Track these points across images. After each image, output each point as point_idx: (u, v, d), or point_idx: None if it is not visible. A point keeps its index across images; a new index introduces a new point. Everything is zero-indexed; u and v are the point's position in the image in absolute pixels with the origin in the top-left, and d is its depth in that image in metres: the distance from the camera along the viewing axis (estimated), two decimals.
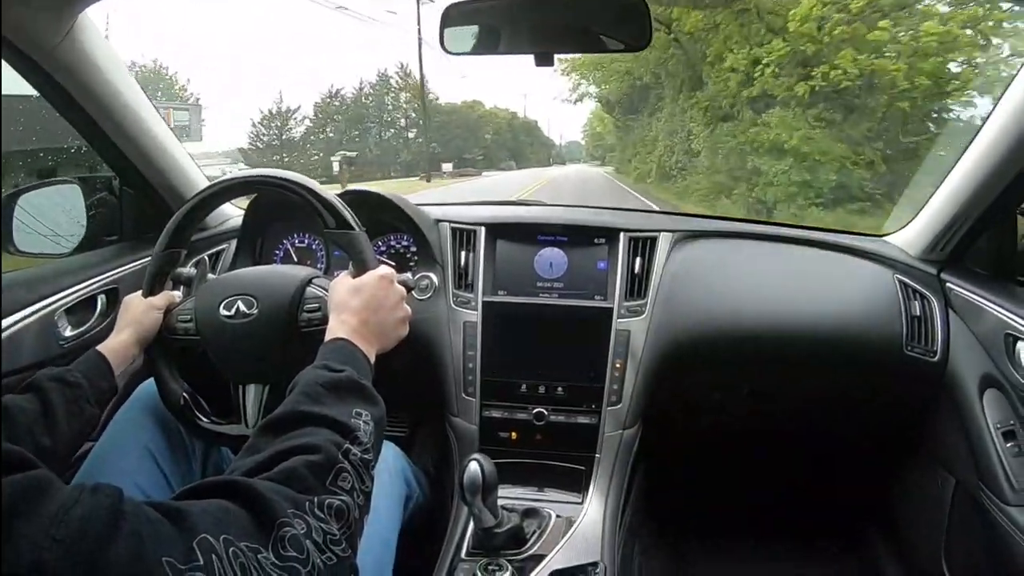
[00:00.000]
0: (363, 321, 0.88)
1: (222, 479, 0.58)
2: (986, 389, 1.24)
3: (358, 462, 0.67)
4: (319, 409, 0.70)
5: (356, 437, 0.69)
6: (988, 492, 1.19)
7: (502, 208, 1.59)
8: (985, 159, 1.20)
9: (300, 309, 0.98)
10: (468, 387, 1.31)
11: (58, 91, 1.16)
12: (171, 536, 0.48)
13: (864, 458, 1.71)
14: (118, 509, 0.47)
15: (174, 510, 0.51)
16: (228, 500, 0.55)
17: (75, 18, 1.08)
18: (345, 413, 0.71)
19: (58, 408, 0.85)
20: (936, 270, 1.40)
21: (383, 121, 39.20)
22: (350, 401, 0.74)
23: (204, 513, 0.52)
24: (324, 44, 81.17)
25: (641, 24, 1.01)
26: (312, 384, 0.73)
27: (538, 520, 1.14)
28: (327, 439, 0.66)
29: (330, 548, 0.58)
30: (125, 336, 0.99)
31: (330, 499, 0.60)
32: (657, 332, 1.32)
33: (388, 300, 0.92)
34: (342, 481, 0.63)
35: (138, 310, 1.02)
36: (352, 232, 0.97)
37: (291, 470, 0.60)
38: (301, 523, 0.56)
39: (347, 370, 0.78)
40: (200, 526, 0.50)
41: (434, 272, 1.38)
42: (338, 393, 0.74)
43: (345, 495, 0.62)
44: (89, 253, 1.35)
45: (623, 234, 1.38)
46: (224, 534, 0.50)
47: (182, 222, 1.04)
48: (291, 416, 0.69)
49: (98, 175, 1.41)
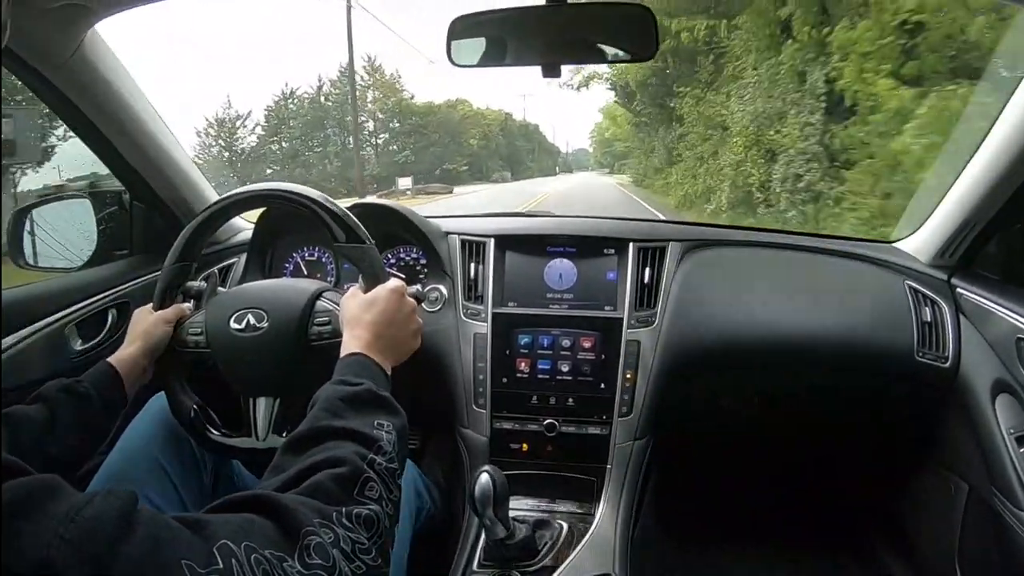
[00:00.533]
0: (377, 335, 0.88)
1: (247, 494, 0.58)
2: (998, 394, 1.23)
3: (384, 471, 0.67)
4: (341, 423, 0.70)
5: (380, 447, 0.69)
6: (1002, 498, 1.18)
7: (511, 219, 1.59)
8: (994, 163, 1.20)
9: (310, 323, 0.99)
10: (478, 399, 1.31)
11: (68, 106, 1.18)
12: (190, 541, 0.48)
13: (875, 465, 1.70)
14: (131, 512, 0.47)
15: (193, 520, 0.50)
16: (253, 513, 0.54)
17: (85, 33, 1.09)
18: (367, 424, 0.71)
19: (65, 418, 0.85)
20: (946, 275, 1.39)
21: (345, 125, 31.74)
22: (370, 413, 0.74)
23: (225, 523, 0.51)
24: (276, 34, 73.91)
25: (648, 34, 1.01)
26: (331, 400, 0.74)
27: (550, 531, 1.14)
28: (351, 451, 0.66)
29: (359, 557, 0.57)
30: (135, 348, 0.99)
31: (358, 509, 0.60)
32: (667, 342, 1.31)
33: (401, 313, 0.92)
34: (369, 491, 0.63)
35: (148, 323, 1.02)
36: (363, 246, 0.97)
37: (317, 484, 0.60)
38: (328, 532, 0.56)
39: (365, 383, 0.78)
40: (220, 534, 0.50)
41: (443, 284, 1.39)
42: (358, 406, 0.74)
43: (374, 504, 0.62)
44: (99, 267, 1.36)
45: (632, 244, 1.38)
46: (246, 542, 0.50)
47: (192, 236, 1.04)
48: (313, 433, 0.69)
49: (108, 189, 1.42)
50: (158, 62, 49.86)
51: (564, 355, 1.32)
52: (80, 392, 0.88)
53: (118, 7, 1.06)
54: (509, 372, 1.32)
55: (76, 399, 0.88)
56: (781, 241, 1.52)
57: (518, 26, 1.06)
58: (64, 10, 1.00)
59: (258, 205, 1.13)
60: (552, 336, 1.33)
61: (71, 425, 0.85)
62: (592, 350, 1.32)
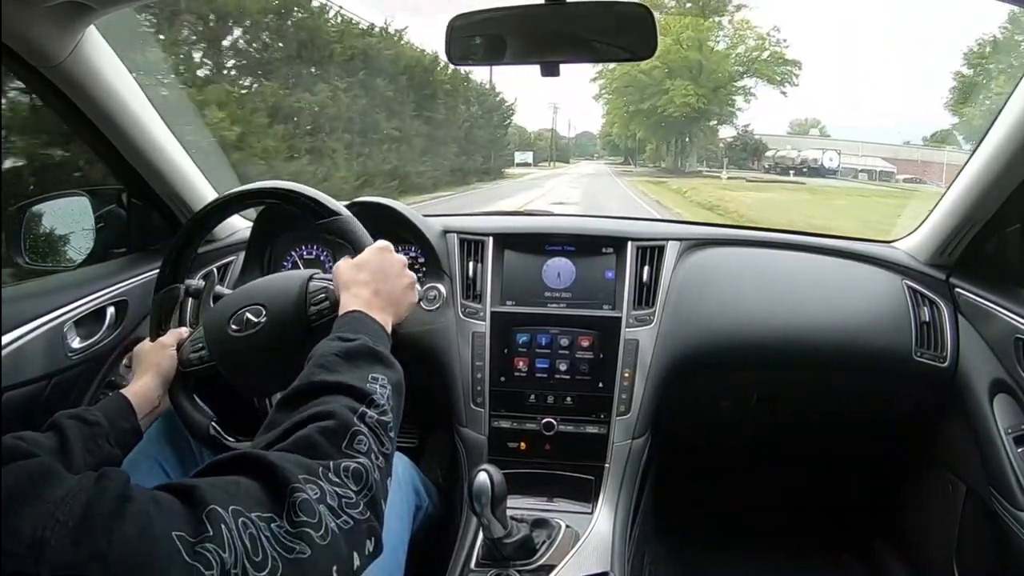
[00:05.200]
0: (375, 292, 0.88)
1: (233, 454, 0.58)
2: (996, 394, 1.24)
3: (375, 424, 0.67)
4: (333, 377, 0.70)
5: (372, 400, 0.69)
6: (999, 497, 1.19)
7: (510, 218, 1.59)
8: (992, 163, 1.20)
9: (307, 303, 0.98)
10: (477, 397, 1.31)
11: (66, 104, 1.17)
12: (180, 512, 0.48)
13: (873, 465, 1.70)
14: (125, 493, 0.47)
15: (180, 486, 0.51)
16: (239, 474, 0.55)
17: (82, 32, 1.09)
18: (360, 378, 0.71)
19: (75, 444, 0.84)
20: (945, 275, 1.39)
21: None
22: (365, 367, 0.74)
23: (213, 487, 0.52)
24: None
25: (646, 33, 1.01)
26: (326, 355, 0.73)
27: (548, 530, 1.14)
28: (342, 405, 0.66)
29: (346, 511, 0.58)
30: (148, 379, 0.99)
31: (346, 462, 0.60)
32: (665, 341, 1.32)
33: (392, 268, 0.93)
34: (358, 444, 0.63)
35: (152, 353, 1.02)
36: (340, 217, 0.98)
37: (304, 438, 0.60)
38: (314, 488, 0.56)
39: (361, 338, 0.78)
40: (209, 498, 0.50)
41: (442, 283, 1.38)
42: (352, 360, 0.74)
43: (362, 457, 0.62)
44: (98, 265, 1.35)
45: (631, 243, 1.38)
46: (234, 505, 0.50)
47: (176, 258, 1.05)
48: (306, 388, 0.69)
49: (106, 187, 1.42)
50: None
51: (562, 354, 1.32)
52: (89, 420, 0.88)
53: (116, 5, 1.05)
54: (507, 371, 1.32)
55: (86, 426, 0.87)
56: (779, 240, 1.52)
57: (517, 25, 1.05)
58: (62, 8, 1.00)
59: (233, 211, 1.13)
60: (550, 335, 1.33)
61: (80, 451, 0.84)
62: (590, 349, 1.32)
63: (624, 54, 1.08)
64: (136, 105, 1.26)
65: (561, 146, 43.91)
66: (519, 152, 32.29)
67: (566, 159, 42.76)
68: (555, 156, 39.76)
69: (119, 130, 1.25)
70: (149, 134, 1.30)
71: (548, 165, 36.15)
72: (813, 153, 26.07)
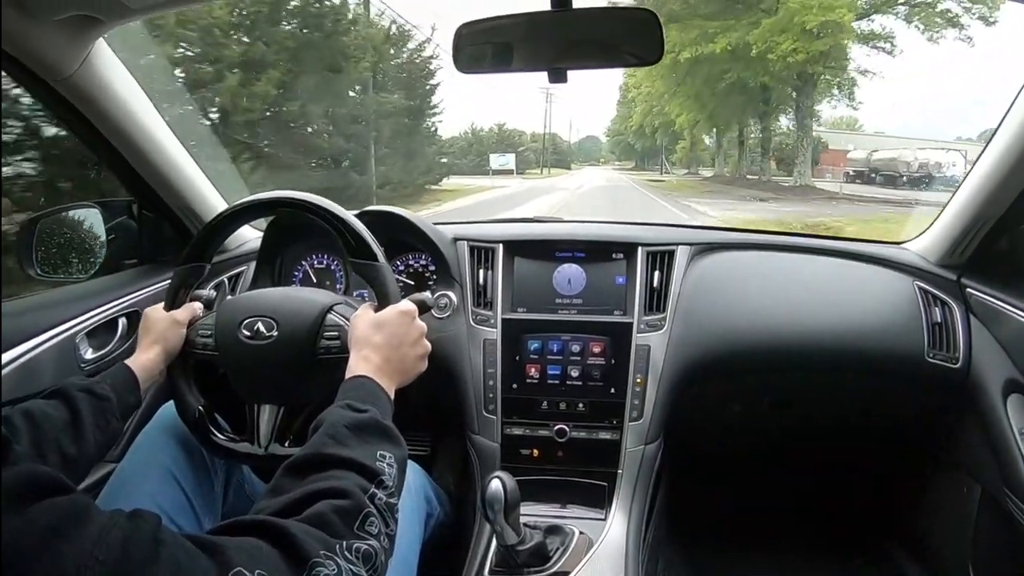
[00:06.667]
0: (385, 358, 0.88)
1: (255, 519, 0.59)
2: (1010, 394, 1.23)
3: (384, 506, 0.67)
4: (345, 452, 0.70)
5: (381, 481, 0.69)
6: (1014, 498, 1.18)
7: (519, 225, 1.59)
8: (1001, 162, 1.20)
9: (319, 336, 0.98)
10: (489, 404, 1.31)
11: (76, 118, 1.18)
12: (207, 568, 0.49)
13: (886, 467, 1.69)
14: (159, 537, 0.48)
15: (209, 544, 0.51)
16: (261, 539, 0.55)
17: (92, 45, 1.09)
18: (370, 456, 0.71)
19: (86, 419, 0.85)
20: (956, 276, 1.39)
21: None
22: (374, 442, 0.74)
23: (239, 549, 0.52)
24: None
25: (653, 39, 1.01)
26: (336, 425, 0.74)
27: (561, 537, 1.14)
28: (354, 483, 0.66)
29: None
30: (154, 353, 1.00)
31: (358, 543, 0.61)
32: (677, 346, 1.31)
33: (409, 336, 0.92)
34: (369, 526, 0.64)
35: (163, 326, 1.02)
36: (376, 264, 0.97)
37: (320, 515, 0.61)
38: (332, 564, 0.57)
39: (371, 410, 0.78)
40: (235, 560, 0.51)
41: (453, 290, 1.39)
42: (362, 435, 0.74)
43: (372, 539, 0.63)
44: (109, 276, 1.36)
45: (641, 248, 1.38)
46: (258, 569, 0.51)
47: (206, 238, 1.05)
48: (317, 459, 0.69)
49: (117, 199, 1.43)
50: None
51: (574, 360, 1.32)
52: (100, 394, 0.89)
53: (126, 18, 1.06)
54: (519, 378, 1.32)
55: (96, 400, 0.88)
56: (789, 243, 1.51)
57: (524, 32, 1.05)
58: (71, 21, 1.01)
59: (272, 212, 1.13)
60: (562, 341, 1.33)
61: (90, 426, 0.86)
62: (602, 355, 1.32)
63: (631, 59, 1.08)
64: (146, 117, 1.27)
65: (560, 148, 36.37)
66: (496, 155, 27.30)
67: (566, 164, 35.69)
68: (549, 160, 31.28)
69: (129, 142, 1.26)
70: (159, 146, 1.31)
71: (539, 172, 29.20)
72: (935, 155, 17.61)
